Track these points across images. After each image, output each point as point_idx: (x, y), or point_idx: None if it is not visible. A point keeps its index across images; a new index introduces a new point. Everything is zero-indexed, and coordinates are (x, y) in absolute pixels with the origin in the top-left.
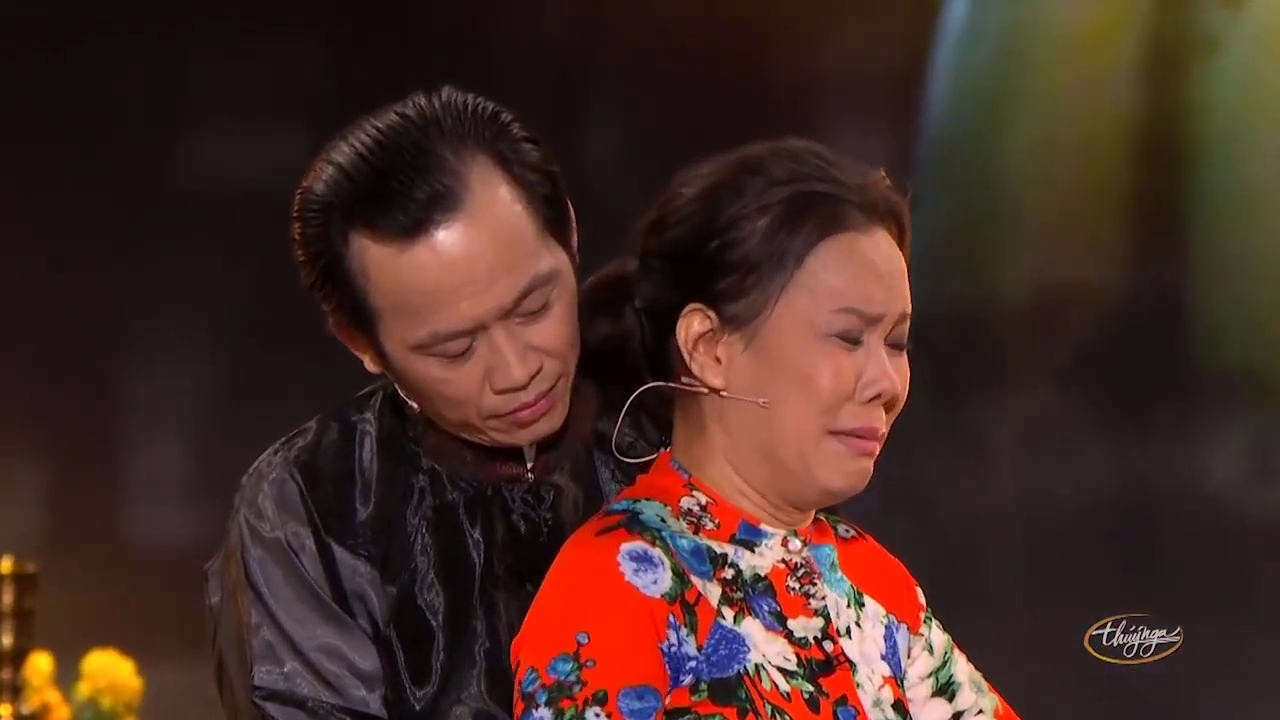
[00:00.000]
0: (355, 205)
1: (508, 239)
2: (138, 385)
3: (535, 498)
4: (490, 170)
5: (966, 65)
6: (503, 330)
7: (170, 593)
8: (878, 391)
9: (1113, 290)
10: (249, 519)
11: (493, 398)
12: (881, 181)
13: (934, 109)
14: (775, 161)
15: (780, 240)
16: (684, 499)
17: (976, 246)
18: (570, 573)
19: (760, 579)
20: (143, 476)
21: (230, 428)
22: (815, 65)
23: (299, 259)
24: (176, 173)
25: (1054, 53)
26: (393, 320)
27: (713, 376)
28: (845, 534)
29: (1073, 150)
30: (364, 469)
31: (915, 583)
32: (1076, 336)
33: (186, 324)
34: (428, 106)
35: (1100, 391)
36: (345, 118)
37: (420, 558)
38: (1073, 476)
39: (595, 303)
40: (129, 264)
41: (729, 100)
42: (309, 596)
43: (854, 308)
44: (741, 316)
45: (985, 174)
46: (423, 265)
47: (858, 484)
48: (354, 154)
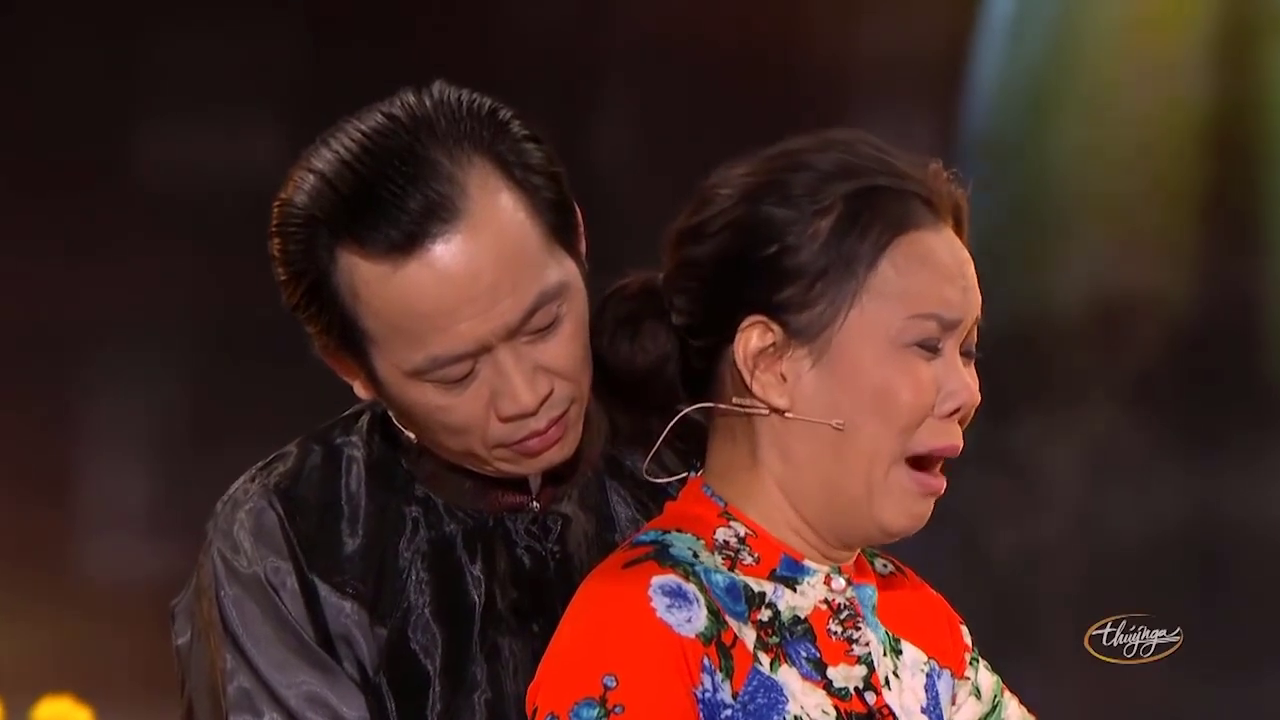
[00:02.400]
0: (341, 219)
1: (511, 251)
2: (95, 403)
3: (541, 529)
4: (490, 175)
5: (1014, 53)
6: (508, 351)
7: (132, 633)
8: (958, 404)
9: (1180, 300)
10: (223, 552)
11: (499, 426)
12: (942, 173)
13: (978, 102)
14: (822, 154)
15: (849, 243)
16: (719, 530)
17: (1027, 253)
18: (595, 608)
19: (800, 621)
20: (101, 503)
21: (200, 450)
22: (847, 54)
23: (279, 277)
24: (135, 168)
25: (1112, 38)
26: (386, 344)
27: (776, 396)
28: (883, 569)
29: (1134, 147)
30: (351, 497)
31: (960, 620)
32: (1139, 352)
33: (149, 335)
34: (418, 105)
35: (1167, 413)
36: (324, 108)
37: (414, 596)
38: (1136, 507)
39: (615, 321)
40: (82, 270)
41: (753, 92)
42: (290, 638)
43: (933, 313)
44: (809, 329)
45: (1036, 173)
46: (418, 284)
47: (916, 527)
48: (338, 161)
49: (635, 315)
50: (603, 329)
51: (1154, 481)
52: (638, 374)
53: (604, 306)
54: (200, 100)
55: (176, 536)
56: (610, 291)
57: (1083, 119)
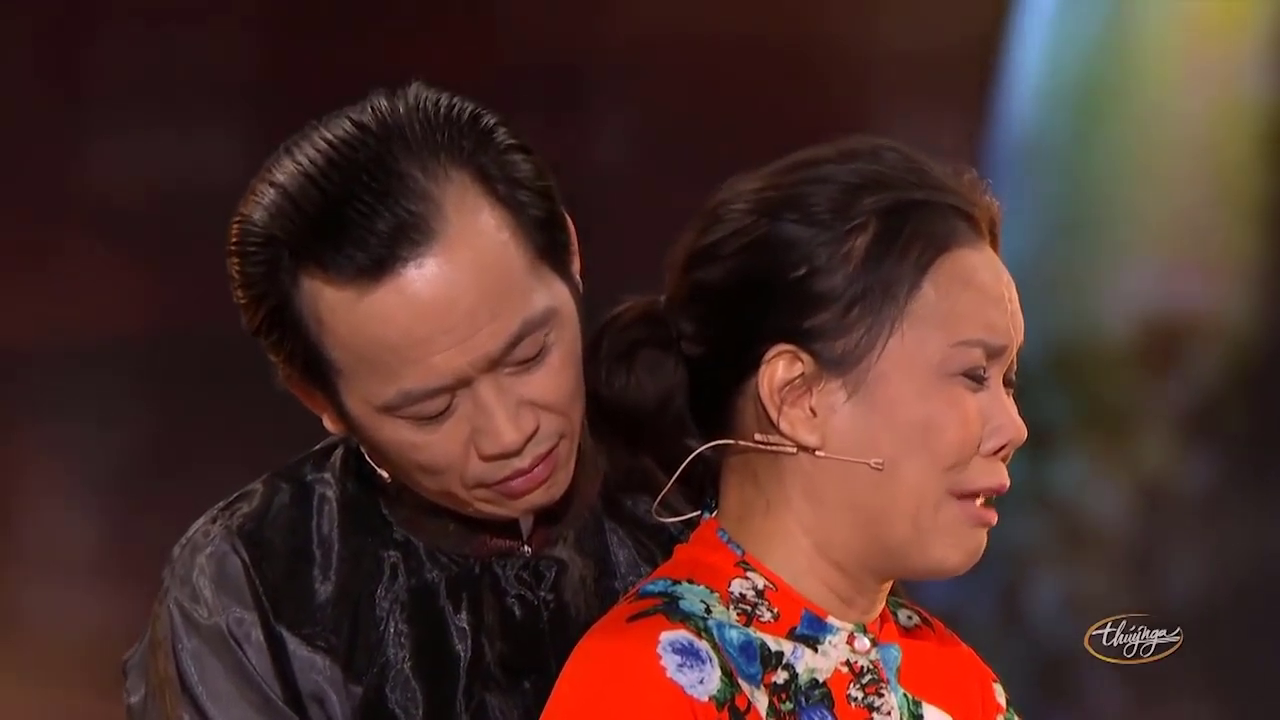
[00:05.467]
0: (304, 240)
1: (493, 276)
2: (35, 435)
3: (533, 575)
4: (469, 190)
5: (1056, 50)
6: (490, 384)
7: (77, 693)
8: (1005, 441)
9: (1243, 321)
10: (181, 601)
11: (479, 464)
12: (979, 183)
13: (1016, 104)
14: (844, 165)
15: (889, 264)
16: (736, 581)
17: (1071, 271)
18: (598, 666)
19: (818, 685)
20: (41, 549)
21: (152, 488)
22: (868, 50)
23: (239, 300)
24: (81, 176)
25: (1165, 33)
26: (354, 376)
27: (806, 433)
28: (907, 622)
29: (1190, 153)
30: (323, 541)
31: (993, 678)
32: (1198, 379)
33: (96, 359)
34: (390, 112)
35: (1231, 447)
36: (295, 109)
37: (392, 650)
38: (1194, 551)
39: (612, 353)
40: (21, 285)
41: (766, 89)
42: (254, 695)
43: (979, 339)
44: (844, 359)
45: (1080, 182)
46: (388, 313)
47: (972, 562)
48: (300, 175)
49: (634, 345)
50: (599, 361)
51: (1215, 524)
52: (639, 409)
53: (599, 337)
54: (154, 102)
55: (126, 586)
56: (607, 321)
57: (1132, 123)
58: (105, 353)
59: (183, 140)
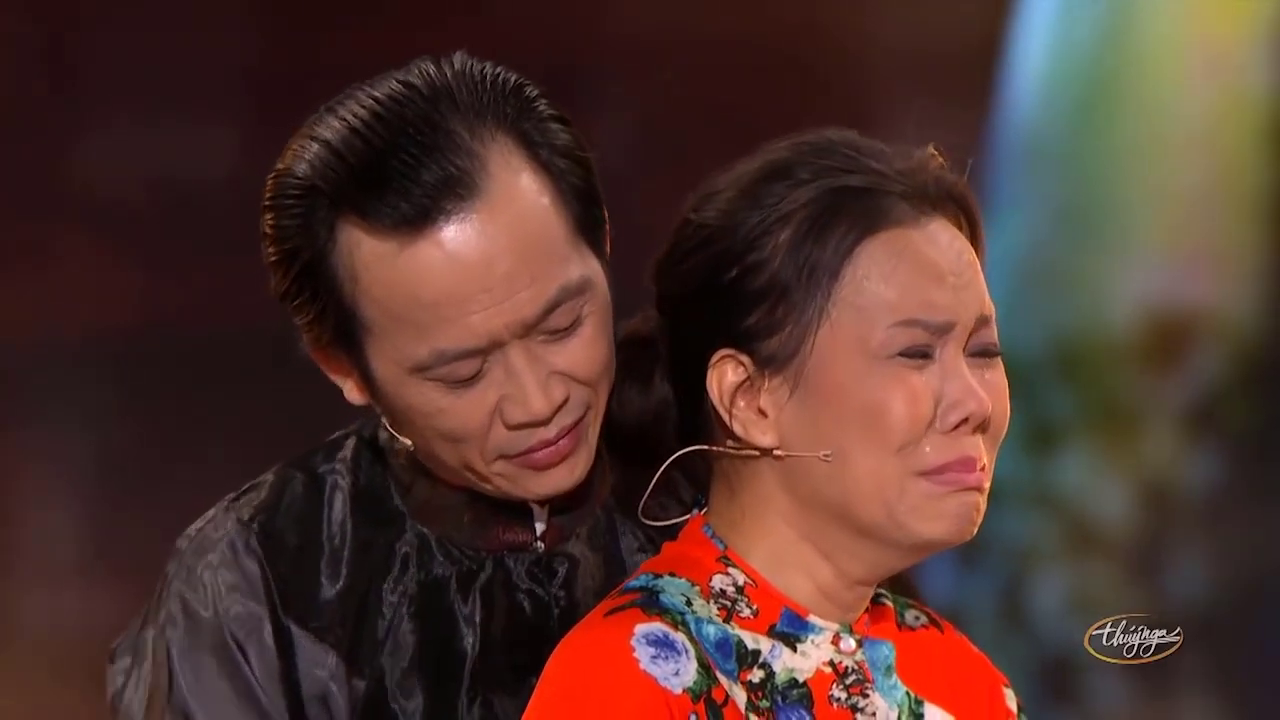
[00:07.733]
0: (346, 189)
1: (533, 238)
2: (20, 436)
3: (545, 571)
4: (513, 153)
5: (1059, 44)
6: (522, 350)
7: (63, 694)
8: (964, 415)
9: (1247, 318)
10: (183, 594)
11: (503, 434)
12: (931, 161)
13: (1019, 98)
14: (799, 161)
15: (808, 251)
16: (716, 576)
17: (1074, 266)
18: (573, 660)
19: (796, 685)
20: (28, 551)
21: (141, 489)
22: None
23: (270, 258)
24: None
25: (1169, 25)
26: (386, 335)
27: (760, 434)
28: (914, 622)
29: (1194, 148)
30: (334, 533)
31: (1004, 682)
32: (1203, 376)
33: (84, 359)
34: (438, 75)
35: (1235, 445)
36: (284, 107)
37: (396, 644)
38: (1202, 553)
39: (622, 368)
40: (10, 281)
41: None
42: (244, 699)
43: (914, 318)
44: (779, 355)
45: (1083, 176)
46: (428, 266)
47: (965, 526)
48: (346, 129)
49: (628, 362)
50: None
51: (1223, 524)
52: (638, 426)
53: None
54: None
55: (113, 586)
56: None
57: (1135, 118)
58: (94, 349)
59: (176, 135)
